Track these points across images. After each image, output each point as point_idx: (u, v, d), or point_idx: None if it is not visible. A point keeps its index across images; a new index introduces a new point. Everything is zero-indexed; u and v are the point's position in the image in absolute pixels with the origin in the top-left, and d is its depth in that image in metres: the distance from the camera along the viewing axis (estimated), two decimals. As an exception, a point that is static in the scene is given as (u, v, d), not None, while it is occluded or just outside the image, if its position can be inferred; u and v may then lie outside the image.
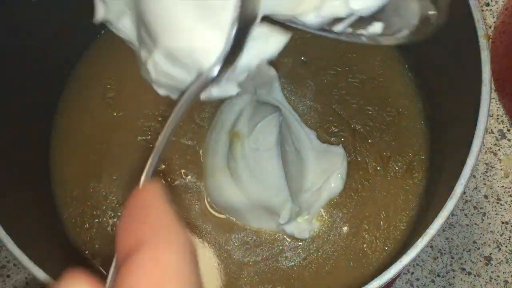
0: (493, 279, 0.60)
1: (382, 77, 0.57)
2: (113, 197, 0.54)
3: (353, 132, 0.55)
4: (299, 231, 0.52)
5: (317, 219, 0.53)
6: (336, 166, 0.53)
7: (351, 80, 0.57)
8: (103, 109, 0.57)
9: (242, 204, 0.51)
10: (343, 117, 0.56)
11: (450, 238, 0.60)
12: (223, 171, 0.51)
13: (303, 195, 0.52)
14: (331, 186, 0.53)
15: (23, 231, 0.44)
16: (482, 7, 0.67)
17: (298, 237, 0.52)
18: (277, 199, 0.50)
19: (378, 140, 0.55)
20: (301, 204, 0.52)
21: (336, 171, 0.53)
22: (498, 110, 0.64)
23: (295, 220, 0.52)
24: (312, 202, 0.52)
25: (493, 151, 0.63)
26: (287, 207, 0.50)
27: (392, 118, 0.56)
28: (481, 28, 0.43)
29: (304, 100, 0.57)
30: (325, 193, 0.53)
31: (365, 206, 0.53)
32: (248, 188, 0.50)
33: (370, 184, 0.54)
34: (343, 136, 0.55)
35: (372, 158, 0.55)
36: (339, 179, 0.53)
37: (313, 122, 0.56)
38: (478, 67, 0.43)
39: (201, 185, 0.54)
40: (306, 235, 0.52)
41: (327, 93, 0.57)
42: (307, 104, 0.57)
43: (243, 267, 0.52)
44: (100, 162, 0.55)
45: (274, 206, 0.50)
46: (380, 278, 0.39)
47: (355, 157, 0.55)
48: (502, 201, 0.62)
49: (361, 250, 0.52)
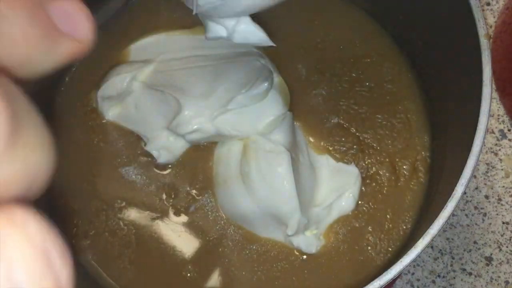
0: (493, 280, 0.59)
1: (390, 84, 0.56)
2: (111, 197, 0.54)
3: (363, 146, 0.54)
4: (306, 245, 0.51)
5: (324, 235, 0.52)
6: (349, 185, 0.52)
7: (358, 88, 0.56)
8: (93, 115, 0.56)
9: (252, 212, 0.50)
10: (351, 131, 0.55)
11: (451, 239, 0.60)
12: (236, 178, 0.51)
13: (313, 210, 0.51)
14: (342, 204, 0.52)
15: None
16: (483, 7, 0.67)
17: (305, 251, 0.51)
18: (286, 207, 0.50)
19: (389, 148, 0.54)
20: (310, 218, 0.51)
21: (349, 190, 0.52)
22: (499, 110, 0.64)
23: (303, 233, 0.51)
24: (321, 217, 0.52)
25: (494, 151, 0.63)
26: (295, 217, 0.50)
27: (402, 125, 0.55)
28: (481, 28, 0.43)
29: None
30: (335, 211, 0.52)
31: (373, 210, 0.53)
32: (259, 193, 0.50)
33: (383, 196, 0.53)
34: (353, 154, 0.54)
35: (384, 168, 0.54)
36: (351, 198, 0.52)
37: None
38: (479, 67, 0.42)
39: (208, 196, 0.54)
40: (313, 250, 0.52)
41: (334, 105, 0.56)
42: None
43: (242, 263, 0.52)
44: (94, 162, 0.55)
45: (282, 214, 0.50)
46: (381, 278, 0.39)
47: (367, 172, 0.54)
48: (503, 201, 0.61)
49: (365, 252, 0.52)
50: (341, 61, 0.57)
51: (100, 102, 0.54)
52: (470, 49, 0.44)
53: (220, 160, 0.53)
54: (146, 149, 0.53)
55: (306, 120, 0.56)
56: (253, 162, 0.50)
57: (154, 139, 0.53)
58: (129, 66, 0.55)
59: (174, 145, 0.53)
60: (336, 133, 0.55)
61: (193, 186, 0.54)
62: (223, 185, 0.52)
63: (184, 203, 0.53)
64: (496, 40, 0.64)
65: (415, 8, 0.52)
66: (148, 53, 0.56)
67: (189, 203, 0.53)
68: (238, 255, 0.52)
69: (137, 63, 0.55)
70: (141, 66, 0.54)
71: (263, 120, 0.52)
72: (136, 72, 0.54)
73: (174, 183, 0.54)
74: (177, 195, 0.53)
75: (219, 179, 0.53)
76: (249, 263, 0.52)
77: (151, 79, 0.54)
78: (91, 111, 0.56)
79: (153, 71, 0.54)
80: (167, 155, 0.53)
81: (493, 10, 0.67)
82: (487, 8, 0.67)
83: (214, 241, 0.52)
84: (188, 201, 0.53)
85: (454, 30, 0.47)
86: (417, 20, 0.53)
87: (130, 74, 0.53)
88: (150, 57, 0.55)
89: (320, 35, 0.57)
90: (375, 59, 0.57)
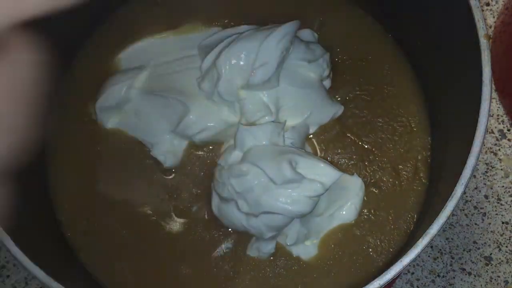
0: (493, 279, 0.60)
1: (390, 86, 0.56)
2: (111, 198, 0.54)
3: (364, 153, 0.54)
4: (306, 254, 0.52)
5: (325, 239, 0.52)
6: (352, 195, 0.52)
7: (358, 92, 0.56)
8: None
9: (251, 227, 0.50)
10: (352, 139, 0.55)
11: (451, 238, 0.60)
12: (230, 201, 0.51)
13: (314, 219, 0.51)
14: (343, 214, 0.52)
15: (23, 232, 0.44)
16: (483, 7, 0.67)
17: (305, 259, 0.52)
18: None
19: (391, 153, 0.54)
20: (311, 228, 0.51)
21: (351, 200, 0.52)
22: (498, 110, 0.64)
23: (303, 242, 0.52)
24: (322, 227, 0.52)
25: (494, 151, 0.63)
26: (294, 228, 0.50)
27: (403, 128, 0.55)
28: (481, 28, 0.43)
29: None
30: (336, 220, 0.52)
31: (375, 216, 0.53)
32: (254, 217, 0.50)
33: (386, 202, 0.53)
34: (354, 164, 0.54)
35: (387, 174, 0.54)
36: (352, 209, 0.52)
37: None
38: (479, 67, 0.42)
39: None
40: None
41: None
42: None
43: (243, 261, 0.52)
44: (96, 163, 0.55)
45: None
46: (381, 278, 0.39)
47: (370, 180, 0.54)
48: (503, 201, 0.62)
49: (366, 253, 0.52)
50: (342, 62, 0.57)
51: (98, 113, 0.55)
52: (470, 49, 0.44)
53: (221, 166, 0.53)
54: (152, 154, 0.53)
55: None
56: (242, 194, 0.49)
57: (159, 144, 0.53)
58: (123, 75, 0.55)
59: (179, 148, 0.54)
60: (337, 143, 0.55)
61: (196, 188, 0.54)
62: (219, 205, 0.52)
63: (186, 204, 0.53)
64: (495, 40, 0.64)
65: (415, 8, 0.53)
66: (139, 59, 0.56)
67: (192, 203, 0.53)
68: (239, 256, 0.52)
69: (131, 70, 0.55)
70: (136, 73, 0.55)
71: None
72: (132, 80, 0.54)
73: (177, 185, 0.54)
74: (179, 196, 0.53)
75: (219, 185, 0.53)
76: (250, 265, 0.52)
77: (149, 85, 0.54)
78: (90, 122, 0.56)
79: (149, 76, 0.55)
80: (173, 158, 0.53)
81: (493, 10, 0.67)
82: (486, 9, 0.67)
83: (215, 241, 0.52)
84: (190, 202, 0.53)
85: (454, 30, 0.48)
86: (417, 20, 0.53)
87: (127, 82, 0.54)
88: (142, 63, 0.56)
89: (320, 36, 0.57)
90: (375, 60, 0.57)
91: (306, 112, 0.53)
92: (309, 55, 0.53)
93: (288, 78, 0.52)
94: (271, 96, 0.51)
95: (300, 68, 0.52)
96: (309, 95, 0.52)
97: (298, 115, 0.53)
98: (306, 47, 0.53)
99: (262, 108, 0.51)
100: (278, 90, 0.51)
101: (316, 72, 0.53)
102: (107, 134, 0.55)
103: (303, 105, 0.52)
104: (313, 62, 0.53)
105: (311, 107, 0.53)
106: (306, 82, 0.53)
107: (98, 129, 0.56)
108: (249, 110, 0.51)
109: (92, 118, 0.56)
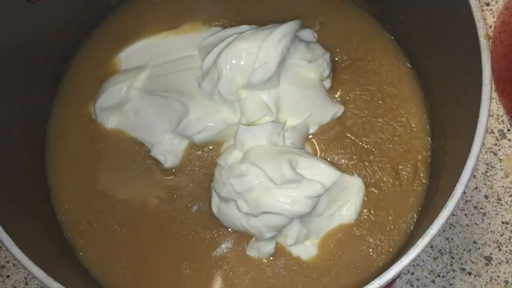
0: (493, 279, 0.60)
1: (390, 86, 0.56)
2: (111, 198, 0.54)
3: (363, 153, 0.54)
4: (306, 254, 0.52)
5: (324, 239, 0.52)
6: (351, 195, 0.52)
7: (358, 92, 0.56)
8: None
9: (251, 227, 0.50)
10: (352, 139, 0.55)
11: (450, 238, 0.60)
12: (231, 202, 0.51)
13: (314, 220, 0.51)
14: (343, 214, 0.52)
15: (23, 232, 0.44)
16: (483, 7, 0.67)
17: (304, 260, 0.52)
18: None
19: (391, 153, 0.54)
20: (311, 228, 0.51)
21: (351, 201, 0.52)
22: (498, 110, 0.64)
23: (303, 243, 0.52)
24: (322, 227, 0.52)
25: (493, 151, 0.63)
26: (294, 228, 0.50)
27: (403, 128, 0.55)
28: (481, 28, 0.43)
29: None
30: (336, 220, 0.52)
31: (375, 216, 0.53)
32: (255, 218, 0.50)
33: (386, 202, 0.53)
34: (355, 164, 0.54)
35: (387, 174, 0.54)
36: (352, 209, 0.52)
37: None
38: (479, 67, 0.42)
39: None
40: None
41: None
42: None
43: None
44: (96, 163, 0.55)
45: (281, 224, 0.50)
46: (380, 278, 0.39)
47: (370, 180, 0.54)
48: (503, 201, 0.62)
49: (366, 254, 0.52)
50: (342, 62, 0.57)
51: (98, 113, 0.55)
52: (470, 49, 0.44)
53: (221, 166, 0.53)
54: (152, 154, 0.53)
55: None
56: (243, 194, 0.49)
57: (159, 144, 0.53)
58: (123, 75, 0.55)
59: (179, 147, 0.54)
60: (337, 143, 0.55)
61: (196, 188, 0.54)
62: (220, 206, 0.52)
63: (186, 204, 0.53)
64: (495, 40, 0.64)
65: (415, 8, 0.53)
66: (139, 59, 0.57)
67: (192, 203, 0.53)
68: (239, 256, 0.52)
69: (131, 70, 0.56)
70: (136, 73, 0.55)
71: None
72: (132, 80, 0.54)
73: (177, 185, 0.54)
74: (180, 196, 0.53)
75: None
76: (249, 265, 0.52)
77: (149, 85, 0.54)
78: (90, 122, 0.56)
79: (149, 76, 0.55)
80: (173, 158, 0.53)
81: (493, 10, 0.67)
82: (486, 9, 0.67)
83: (215, 241, 0.52)
84: (190, 202, 0.53)
85: (453, 30, 0.47)
86: (417, 20, 0.53)
87: (126, 82, 0.54)
88: (142, 63, 0.56)
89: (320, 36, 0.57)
90: (375, 60, 0.57)
91: (306, 112, 0.53)
92: (309, 55, 0.53)
93: (289, 78, 0.52)
94: (271, 96, 0.51)
95: (300, 68, 0.53)
96: (309, 95, 0.52)
97: (298, 115, 0.53)
98: (306, 47, 0.53)
99: (262, 108, 0.51)
100: (278, 90, 0.52)
101: (316, 72, 0.53)
102: (107, 134, 0.55)
103: (303, 105, 0.52)
104: (313, 62, 0.53)
105: (311, 107, 0.53)
106: (306, 82, 0.53)
107: (98, 129, 0.56)
108: (249, 110, 0.51)
109: (92, 118, 0.56)
